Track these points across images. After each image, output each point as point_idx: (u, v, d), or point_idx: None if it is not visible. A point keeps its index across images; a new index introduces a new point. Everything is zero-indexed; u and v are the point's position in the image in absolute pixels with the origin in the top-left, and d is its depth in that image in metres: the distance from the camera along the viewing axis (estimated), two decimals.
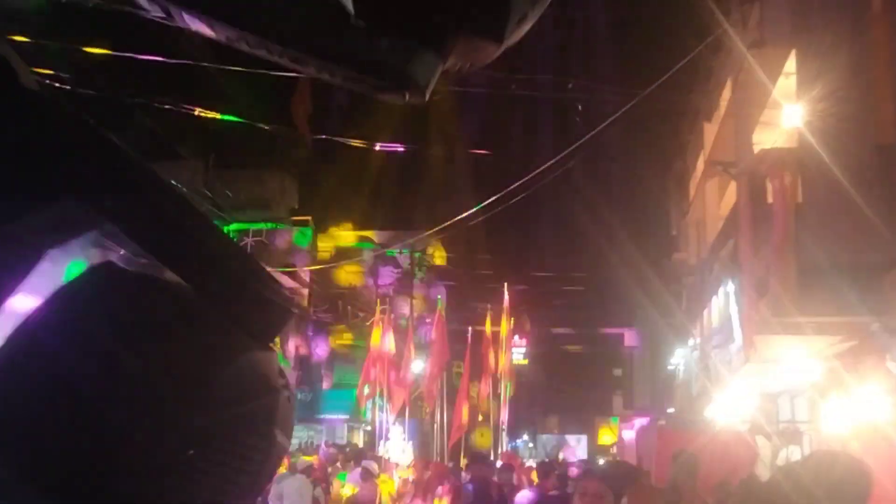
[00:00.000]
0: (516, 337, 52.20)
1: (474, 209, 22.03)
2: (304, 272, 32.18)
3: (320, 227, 33.90)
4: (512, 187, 20.18)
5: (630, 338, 47.84)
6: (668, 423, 18.79)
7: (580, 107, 17.67)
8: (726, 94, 16.87)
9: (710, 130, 17.99)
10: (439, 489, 17.01)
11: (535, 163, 19.33)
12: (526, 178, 20.19)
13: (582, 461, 13.50)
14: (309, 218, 32.79)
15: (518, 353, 52.10)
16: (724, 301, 16.17)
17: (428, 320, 39.56)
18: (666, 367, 22.85)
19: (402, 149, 17.32)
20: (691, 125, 19.47)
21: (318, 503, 16.11)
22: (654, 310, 25.26)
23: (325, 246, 33.34)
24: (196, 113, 13.80)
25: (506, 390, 28.63)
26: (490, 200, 21.49)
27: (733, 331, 15.58)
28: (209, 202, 28.35)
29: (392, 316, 26.41)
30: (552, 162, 18.73)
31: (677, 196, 22.05)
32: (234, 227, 28.07)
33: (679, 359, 20.13)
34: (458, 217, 23.95)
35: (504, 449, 41.63)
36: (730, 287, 15.62)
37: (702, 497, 9.59)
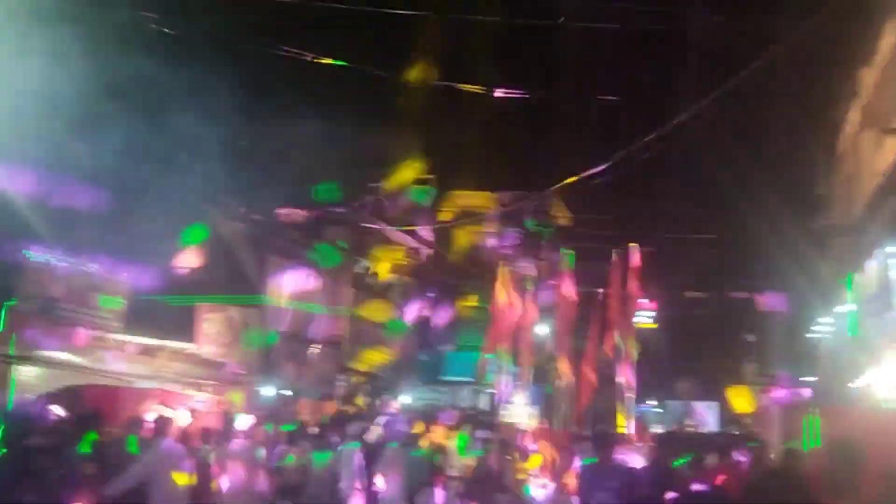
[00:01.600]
0: (645, 300, 50.94)
1: (605, 165, 20.83)
2: (426, 232, 31.60)
3: (443, 186, 33.18)
4: (647, 139, 18.93)
5: (765, 302, 45.68)
6: (818, 396, 17.47)
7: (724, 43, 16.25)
8: (889, 37, 15.24)
9: (868, 77, 16.41)
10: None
11: (668, 111, 18.08)
12: (662, 130, 18.90)
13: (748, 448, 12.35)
14: (431, 177, 32.11)
15: (646, 317, 50.77)
16: (882, 265, 14.72)
17: (552, 282, 38.70)
18: (808, 335, 21.36)
19: (525, 95, 16.28)
20: (845, 71, 17.81)
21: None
22: (796, 273, 23.68)
23: (448, 206, 32.61)
24: (310, 59, 13.14)
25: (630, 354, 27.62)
26: (621, 153, 20.28)
27: (892, 297, 14.20)
28: (332, 159, 27.84)
29: (516, 278, 25.59)
30: (692, 112, 17.39)
31: (825, 150, 20.43)
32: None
33: (825, 326, 18.67)
34: (587, 173, 22.86)
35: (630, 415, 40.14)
36: (891, 249, 14.19)
37: (864, 490, 8.42)
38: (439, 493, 14.17)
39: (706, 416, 56.84)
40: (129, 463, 10.50)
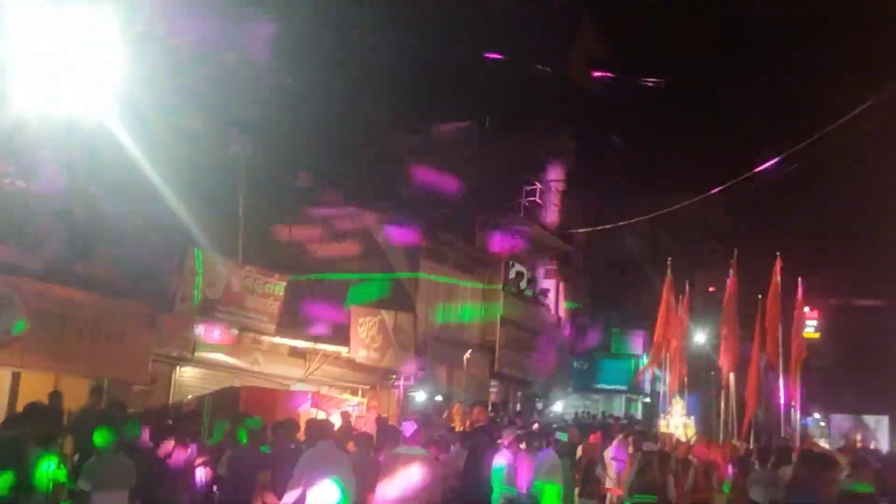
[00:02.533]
0: (807, 309, 48.69)
1: (776, 159, 19.72)
2: (579, 235, 30.88)
3: (599, 190, 32.33)
4: (816, 136, 17.80)
5: None
6: None
7: None
8: None
9: None
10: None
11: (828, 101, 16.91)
12: (831, 127, 17.79)
13: None
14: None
15: (809, 327, 48.43)
16: None
17: (711, 289, 37.36)
18: None
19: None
20: None
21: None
22: None
23: (603, 208, 31.75)
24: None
25: (795, 366, 26.22)
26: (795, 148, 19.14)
27: None
28: (481, 166, 27.55)
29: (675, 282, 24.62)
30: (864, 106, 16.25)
31: None
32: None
33: None
34: (748, 174, 21.81)
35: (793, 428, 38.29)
36: None
37: None
38: None
39: (876, 430, 53.75)
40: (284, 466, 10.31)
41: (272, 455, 10.65)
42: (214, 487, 11.42)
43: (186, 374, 15.81)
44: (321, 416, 15.55)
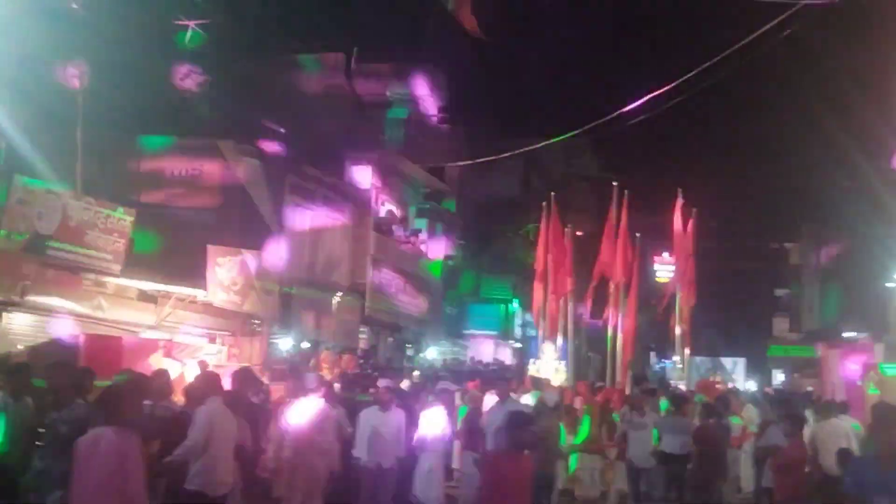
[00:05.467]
0: (665, 254, 49.25)
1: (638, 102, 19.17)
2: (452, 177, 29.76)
3: (472, 126, 31.29)
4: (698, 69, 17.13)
5: (801, 254, 43.76)
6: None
7: None
8: None
9: None
10: None
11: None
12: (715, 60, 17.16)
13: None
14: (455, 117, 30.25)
15: (664, 272, 49.07)
16: None
17: (579, 233, 36.97)
18: (880, 285, 19.50)
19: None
20: None
21: None
22: (862, 217, 21.85)
23: (477, 149, 30.73)
24: None
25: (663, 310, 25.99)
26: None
27: None
28: (350, 100, 26.10)
29: (554, 223, 23.66)
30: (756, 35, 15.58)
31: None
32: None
33: None
34: (614, 113, 21.18)
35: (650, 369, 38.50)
36: None
37: None
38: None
39: (733, 372, 55.22)
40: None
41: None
42: None
43: (15, 322, 13.81)
44: (175, 366, 13.94)
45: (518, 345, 37.03)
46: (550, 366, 24.26)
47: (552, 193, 23.61)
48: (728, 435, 13.91)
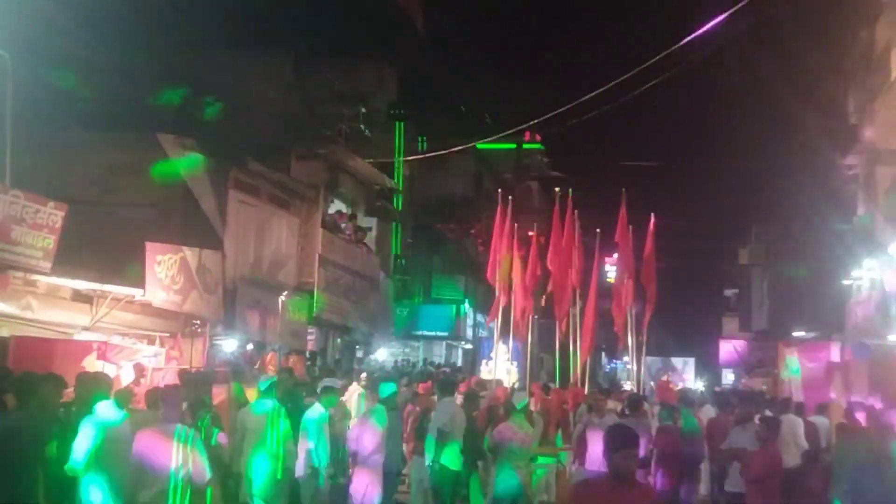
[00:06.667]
0: (616, 255, 49.08)
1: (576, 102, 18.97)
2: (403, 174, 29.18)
3: (423, 125, 30.77)
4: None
5: (751, 253, 43.85)
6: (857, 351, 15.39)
7: None
8: None
9: None
10: None
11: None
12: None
13: None
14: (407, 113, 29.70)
15: (610, 271, 48.94)
16: None
17: (531, 233, 36.59)
18: (835, 284, 19.29)
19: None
20: None
21: None
22: (813, 216, 21.68)
23: (431, 146, 30.27)
24: None
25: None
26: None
27: None
28: (297, 95, 25.43)
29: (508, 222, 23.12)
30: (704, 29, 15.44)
31: (862, 74, 18.20)
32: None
33: (865, 272, 16.57)
34: (565, 107, 20.93)
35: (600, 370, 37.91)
36: None
37: None
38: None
39: (683, 372, 55.29)
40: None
41: None
42: None
43: None
44: (109, 368, 13.22)
45: (469, 346, 36.59)
46: (503, 367, 23.84)
47: (499, 191, 23.11)
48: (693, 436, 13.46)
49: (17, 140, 14.70)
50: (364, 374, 18.11)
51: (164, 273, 15.79)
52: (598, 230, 23.69)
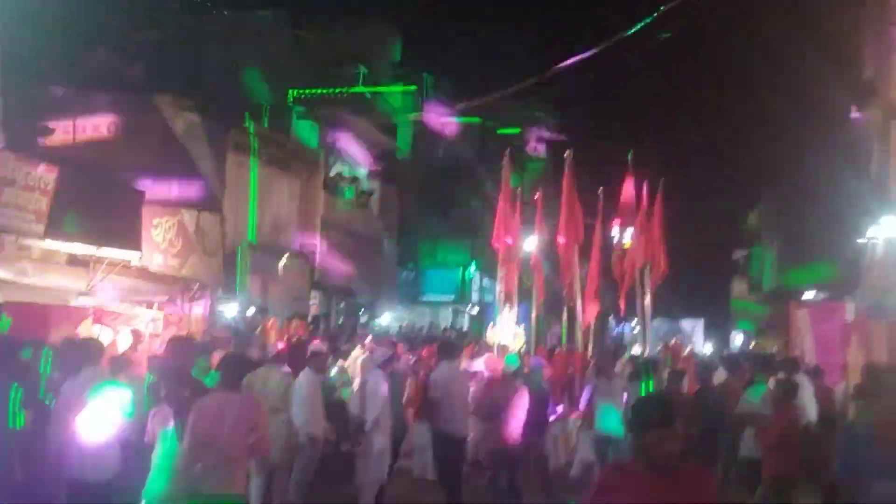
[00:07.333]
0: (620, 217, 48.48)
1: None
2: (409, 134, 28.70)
3: (425, 86, 30.25)
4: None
5: (761, 215, 43.36)
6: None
7: None
8: None
9: None
10: None
11: None
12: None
13: None
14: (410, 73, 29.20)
15: (617, 234, 48.27)
16: None
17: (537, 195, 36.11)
18: (848, 243, 18.84)
19: None
20: None
21: None
22: (829, 170, 21.17)
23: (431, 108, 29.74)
24: None
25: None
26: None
27: None
28: (298, 55, 24.94)
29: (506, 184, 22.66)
30: None
31: (879, 25, 17.66)
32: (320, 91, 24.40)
33: (882, 230, 16.10)
34: (568, 61, 20.34)
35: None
36: None
37: None
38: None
39: (693, 334, 54.99)
40: None
41: None
42: None
43: None
44: (106, 333, 12.93)
45: (476, 310, 36.28)
46: (509, 331, 23.48)
47: (507, 150, 22.59)
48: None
49: (9, 101, 14.35)
50: (368, 339, 17.78)
51: (162, 236, 15.48)
52: (600, 189, 23.15)
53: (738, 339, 47.74)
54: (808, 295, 26.27)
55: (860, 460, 5.75)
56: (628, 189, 21.93)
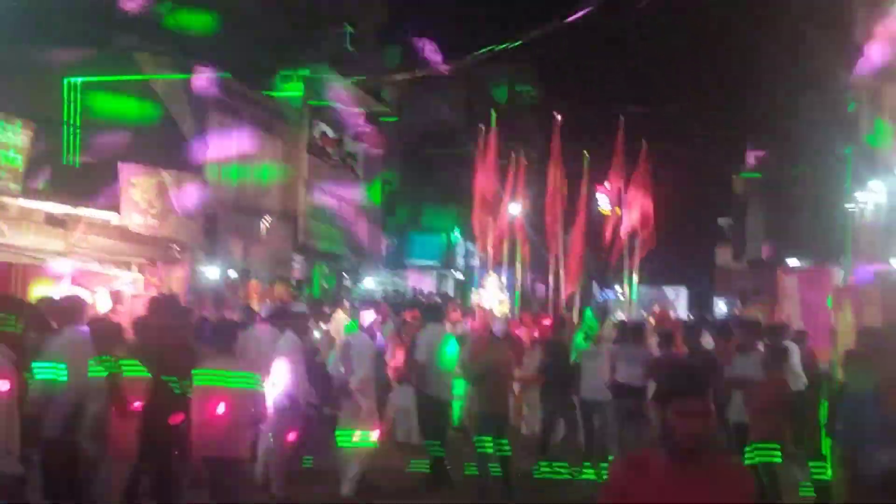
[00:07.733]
0: (607, 184, 48.29)
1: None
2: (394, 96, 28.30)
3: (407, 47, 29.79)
4: None
5: (745, 182, 43.32)
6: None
7: None
8: None
9: None
10: None
11: None
12: None
13: None
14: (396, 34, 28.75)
15: (603, 202, 48.20)
16: None
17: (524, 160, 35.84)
18: (835, 208, 18.72)
19: None
20: None
21: None
22: (816, 134, 21.02)
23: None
24: None
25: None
26: None
27: None
28: (282, 13, 24.42)
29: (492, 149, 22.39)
30: None
31: None
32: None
33: (870, 195, 15.96)
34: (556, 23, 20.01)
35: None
36: None
37: None
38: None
39: (676, 301, 54.99)
40: None
41: None
42: None
43: None
44: (85, 295, 12.64)
45: (461, 275, 36.13)
46: (494, 296, 23.34)
47: (492, 112, 22.27)
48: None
49: None
50: (348, 302, 17.58)
51: (140, 196, 15.17)
52: (585, 152, 22.93)
53: (721, 306, 47.87)
54: (793, 262, 26.26)
55: (864, 427, 5.58)
56: (618, 154, 21.81)
